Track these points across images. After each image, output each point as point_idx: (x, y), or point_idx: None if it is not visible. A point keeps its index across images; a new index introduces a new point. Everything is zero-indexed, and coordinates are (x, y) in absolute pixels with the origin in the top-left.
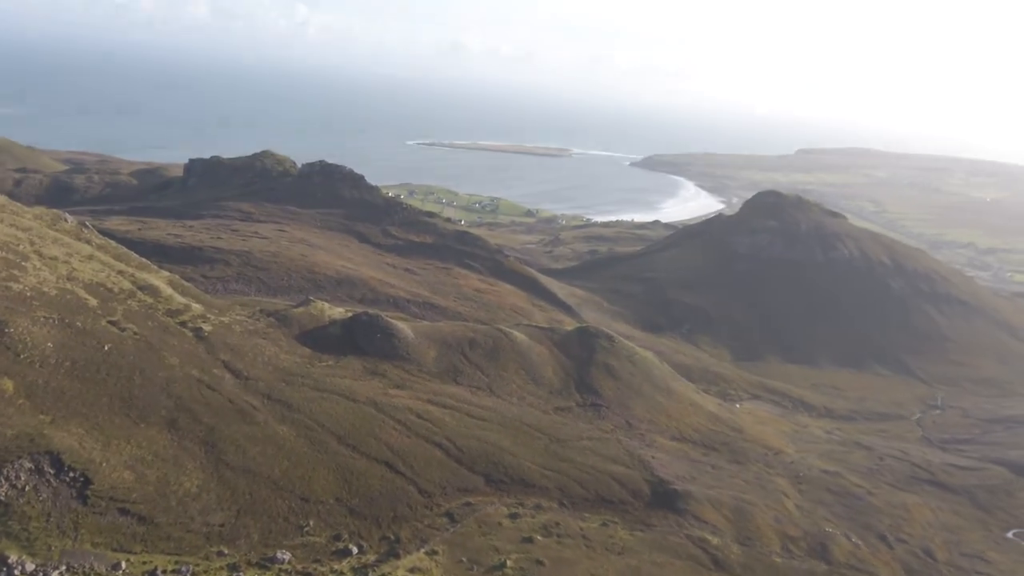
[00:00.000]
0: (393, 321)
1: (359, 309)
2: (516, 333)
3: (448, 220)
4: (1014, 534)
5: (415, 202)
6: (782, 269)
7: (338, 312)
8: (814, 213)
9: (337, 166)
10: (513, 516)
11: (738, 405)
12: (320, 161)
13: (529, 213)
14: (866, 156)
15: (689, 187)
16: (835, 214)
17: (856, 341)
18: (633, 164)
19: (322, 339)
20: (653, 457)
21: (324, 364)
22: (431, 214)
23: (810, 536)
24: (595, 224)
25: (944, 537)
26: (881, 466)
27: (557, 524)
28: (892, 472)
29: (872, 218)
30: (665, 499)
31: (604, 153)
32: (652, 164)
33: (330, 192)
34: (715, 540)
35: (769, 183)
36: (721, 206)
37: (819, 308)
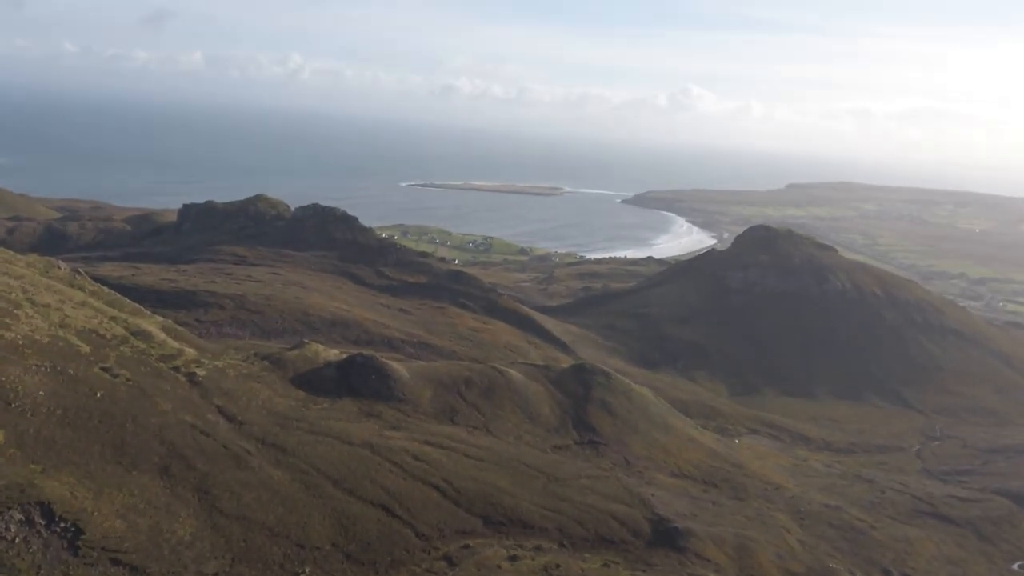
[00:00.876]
0: (388, 362)
1: (354, 350)
2: (512, 371)
3: (442, 260)
4: (1019, 566)
5: (409, 242)
6: (776, 302)
7: (333, 354)
8: (805, 246)
9: (330, 208)
10: (513, 558)
11: (736, 440)
12: (314, 204)
13: (522, 251)
14: (854, 190)
15: (681, 223)
16: (826, 247)
17: (852, 373)
18: (625, 201)
19: (317, 381)
20: (653, 495)
21: (319, 407)
22: (425, 254)
23: (813, 572)
24: (588, 261)
25: (949, 571)
26: (882, 499)
27: (558, 566)
28: (894, 505)
29: (863, 250)
30: (666, 537)
31: (596, 191)
32: (643, 201)
33: (324, 234)
34: None
35: (760, 217)
36: (713, 241)
37: (814, 341)
